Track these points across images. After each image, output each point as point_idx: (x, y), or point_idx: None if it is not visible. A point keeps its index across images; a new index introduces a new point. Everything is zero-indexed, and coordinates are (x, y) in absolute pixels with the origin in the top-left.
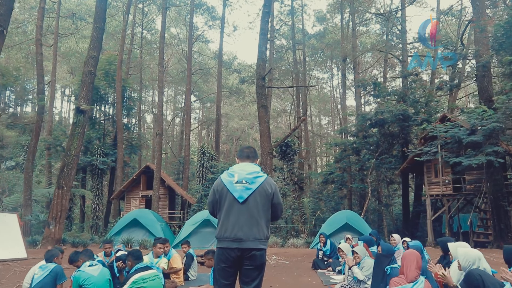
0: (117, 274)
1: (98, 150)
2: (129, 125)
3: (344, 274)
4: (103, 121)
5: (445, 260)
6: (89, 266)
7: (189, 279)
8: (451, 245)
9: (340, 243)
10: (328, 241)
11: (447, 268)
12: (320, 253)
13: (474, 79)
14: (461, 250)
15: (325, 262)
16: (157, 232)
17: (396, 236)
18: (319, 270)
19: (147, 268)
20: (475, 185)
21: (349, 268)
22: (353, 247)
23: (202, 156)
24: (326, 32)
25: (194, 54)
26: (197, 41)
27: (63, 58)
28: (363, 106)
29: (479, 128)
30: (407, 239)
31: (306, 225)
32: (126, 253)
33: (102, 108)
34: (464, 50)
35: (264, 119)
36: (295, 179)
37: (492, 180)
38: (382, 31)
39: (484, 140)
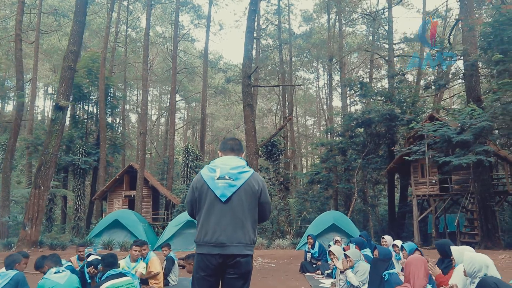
0: (89, 281)
1: (80, 150)
2: (113, 125)
3: (335, 278)
4: (86, 120)
5: (443, 264)
6: (55, 273)
7: (170, 284)
8: (454, 249)
9: (329, 245)
10: (317, 243)
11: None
12: (308, 255)
13: (462, 78)
14: (467, 254)
15: (314, 265)
16: (139, 233)
17: (387, 238)
18: (308, 274)
19: (121, 275)
20: (462, 185)
21: (342, 272)
22: (344, 249)
23: (186, 156)
24: (313, 32)
25: (180, 53)
26: (182, 39)
27: (45, 56)
28: (349, 107)
29: (468, 126)
30: (398, 242)
31: (292, 226)
32: (98, 257)
33: (85, 107)
34: (452, 49)
35: (249, 118)
36: (280, 179)
37: (480, 180)
38: (368, 32)
39: (473, 139)
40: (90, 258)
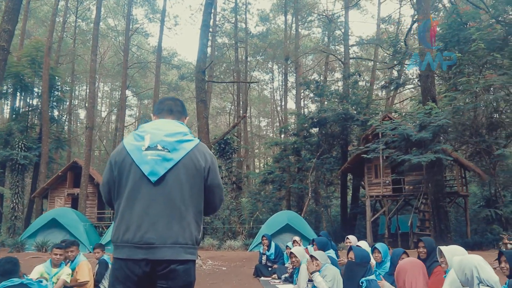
0: None
1: (20, 144)
2: (59, 119)
3: (295, 284)
4: (28, 112)
5: (426, 264)
6: None
7: None
8: (446, 250)
9: (287, 246)
10: (272, 244)
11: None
12: (264, 257)
13: (418, 79)
14: (455, 260)
15: (269, 268)
16: (79, 233)
17: (352, 238)
18: (263, 278)
19: (21, 286)
20: (415, 186)
21: (309, 280)
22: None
23: None
24: (269, 32)
25: (133, 48)
26: (136, 34)
27: None
28: (303, 109)
29: (428, 124)
30: (364, 243)
31: (244, 226)
32: None
33: (28, 99)
34: (407, 51)
35: (202, 114)
36: (233, 178)
37: (433, 181)
38: (324, 34)
39: (432, 137)
40: None
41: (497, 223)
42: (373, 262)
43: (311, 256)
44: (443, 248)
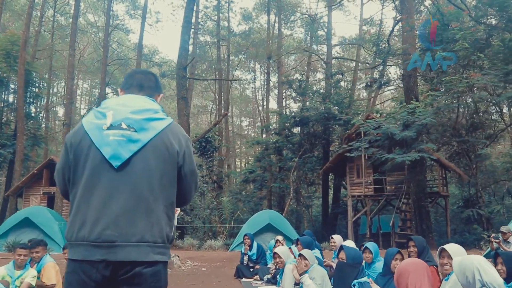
0: None
1: None
2: (36, 116)
3: (279, 286)
4: (2, 109)
5: None
6: None
7: None
8: (451, 249)
9: (270, 246)
10: (254, 243)
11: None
12: (245, 258)
13: (400, 79)
14: (455, 262)
15: (251, 269)
16: (53, 233)
17: (336, 238)
18: (244, 279)
19: None
20: (397, 186)
21: (297, 284)
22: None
23: None
24: (252, 31)
25: (113, 44)
26: (116, 30)
27: None
28: (285, 108)
29: (412, 123)
30: (350, 242)
31: (225, 226)
32: None
33: (3, 95)
34: (390, 50)
35: (183, 111)
36: (214, 177)
37: (415, 181)
38: (307, 34)
39: (416, 136)
40: None
41: (476, 223)
42: None
43: (300, 255)
44: (447, 247)
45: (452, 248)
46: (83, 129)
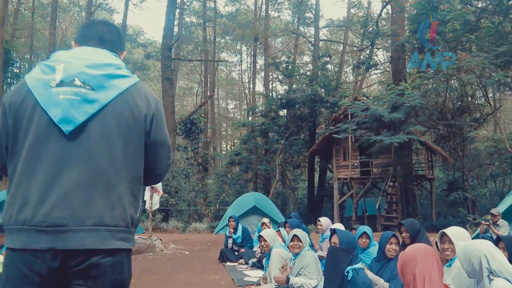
0: None
1: None
2: None
3: (265, 271)
4: None
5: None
6: None
7: None
8: (452, 234)
9: (257, 229)
10: (240, 226)
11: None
12: (230, 241)
13: (389, 61)
14: (459, 246)
15: (236, 253)
16: None
17: (324, 220)
18: (229, 263)
19: None
20: (383, 169)
21: (287, 282)
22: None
23: None
24: (239, 13)
25: None
26: (100, 9)
27: None
28: (271, 91)
29: (401, 104)
30: (340, 225)
31: (210, 208)
32: None
33: None
34: (378, 32)
35: (168, 92)
36: (199, 160)
37: (402, 164)
38: (294, 17)
39: (405, 118)
40: None
41: (461, 206)
42: None
43: (294, 236)
44: (448, 231)
45: (453, 231)
46: (26, 87)
